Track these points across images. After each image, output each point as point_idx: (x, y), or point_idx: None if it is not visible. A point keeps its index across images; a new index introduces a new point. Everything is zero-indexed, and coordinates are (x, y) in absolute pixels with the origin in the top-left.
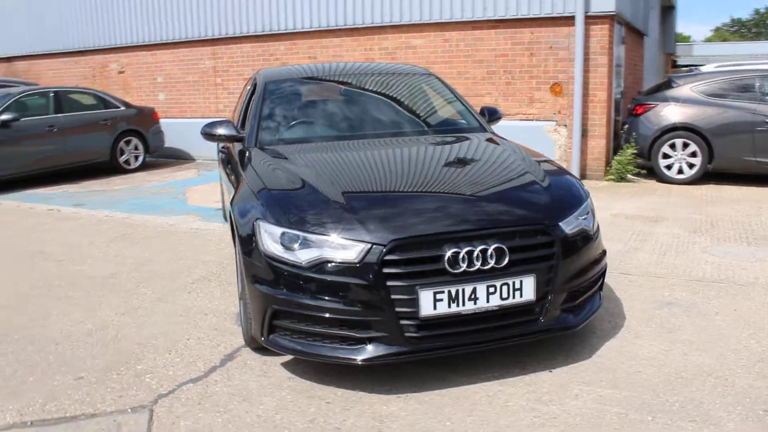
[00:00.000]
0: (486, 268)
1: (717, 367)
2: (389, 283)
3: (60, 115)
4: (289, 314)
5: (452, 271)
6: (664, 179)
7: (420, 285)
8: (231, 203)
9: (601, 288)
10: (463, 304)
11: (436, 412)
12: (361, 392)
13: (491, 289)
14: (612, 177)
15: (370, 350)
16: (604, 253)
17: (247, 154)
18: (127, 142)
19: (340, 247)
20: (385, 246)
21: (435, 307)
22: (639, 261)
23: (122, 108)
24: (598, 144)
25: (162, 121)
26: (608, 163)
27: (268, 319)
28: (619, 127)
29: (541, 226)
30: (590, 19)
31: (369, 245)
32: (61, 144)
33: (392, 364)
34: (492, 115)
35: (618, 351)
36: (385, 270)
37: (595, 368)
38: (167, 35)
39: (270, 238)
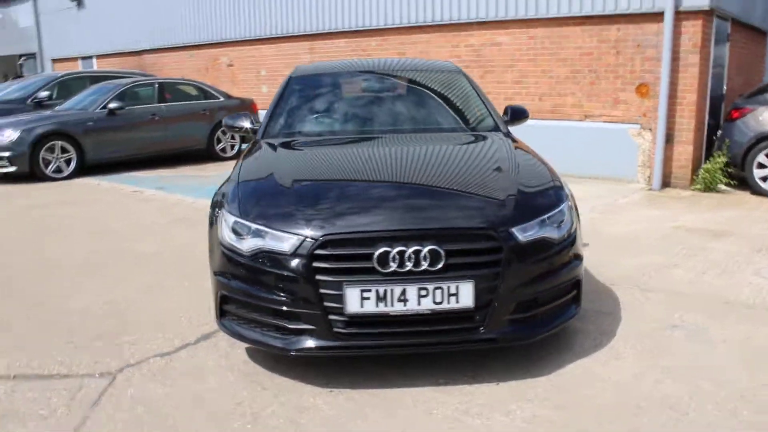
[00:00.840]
0: (418, 270)
1: (685, 399)
2: (318, 278)
3: (162, 104)
4: (235, 300)
5: (381, 270)
6: (758, 191)
7: (347, 282)
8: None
9: (576, 300)
10: (392, 305)
11: (358, 410)
12: (300, 383)
13: (423, 292)
14: (698, 187)
15: (301, 342)
16: (576, 261)
17: (253, 147)
18: (224, 132)
19: (277, 238)
20: (316, 240)
21: (362, 305)
22: (671, 278)
23: (221, 99)
24: (685, 150)
25: (262, 112)
26: (696, 172)
27: (219, 303)
28: (715, 132)
29: (485, 231)
30: (681, 15)
31: (302, 238)
32: (163, 131)
33: (325, 357)
34: (517, 114)
35: (585, 371)
36: (315, 264)
37: (548, 386)
38: (269, 31)
39: (227, 226)
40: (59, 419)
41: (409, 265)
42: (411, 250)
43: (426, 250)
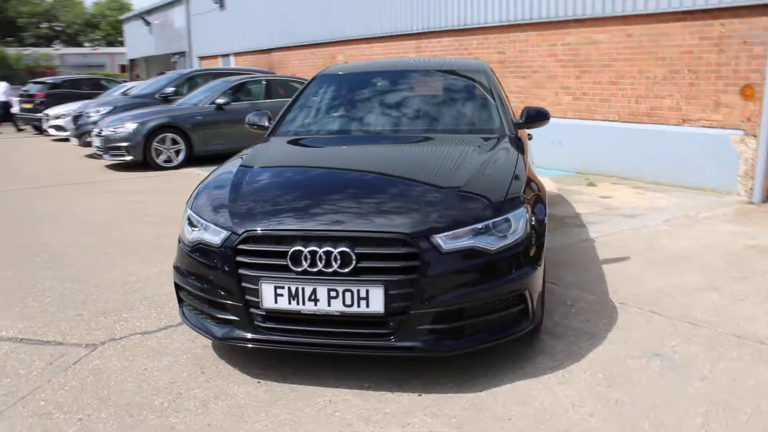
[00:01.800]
0: (328, 270)
1: None
2: (241, 272)
3: (267, 100)
4: (183, 288)
5: (294, 268)
6: None
7: (263, 277)
8: None
9: (525, 314)
10: (303, 304)
11: (269, 403)
12: (238, 371)
13: (332, 293)
14: None
15: (227, 332)
16: (522, 273)
17: (255, 144)
18: None
19: (212, 231)
20: (239, 235)
21: (276, 301)
22: (697, 302)
23: None
24: None
25: None
26: None
27: (175, 290)
28: None
29: (400, 236)
30: None
31: (229, 233)
32: None
33: (246, 348)
34: (533, 117)
35: (520, 393)
36: (238, 258)
37: (468, 404)
38: (380, 30)
39: (186, 219)
40: (29, 379)
41: (320, 266)
42: (322, 250)
43: (337, 251)
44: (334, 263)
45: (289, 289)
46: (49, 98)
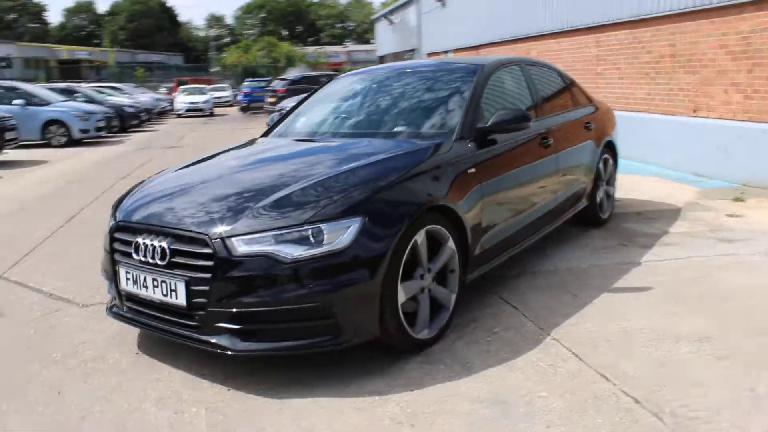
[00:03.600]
0: (152, 262)
1: None
2: (114, 256)
3: None
4: None
5: (135, 257)
6: None
7: (121, 262)
8: None
9: (336, 329)
10: (140, 289)
11: (115, 373)
12: (138, 341)
13: (155, 282)
14: None
15: (112, 306)
16: (329, 285)
17: None
18: None
19: (110, 221)
20: (114, 224)
21: (127, 284)
22: (651, 353)
23: None
24: None
25: None
26: None
27: None
28: None
29: (201, 236)
30: None
31: (113, 221)
32: None
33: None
34: (501, 123)
35: (307, 409)
36: (113, 245)
37: (249, 407)
38: (563, 24)
39: None
40: (17, 324)
41: (148, 257)
42: (150, 243)
43: (158, 245)
44: (156, 256)
45: (132, 274)
46: (288, 93)
